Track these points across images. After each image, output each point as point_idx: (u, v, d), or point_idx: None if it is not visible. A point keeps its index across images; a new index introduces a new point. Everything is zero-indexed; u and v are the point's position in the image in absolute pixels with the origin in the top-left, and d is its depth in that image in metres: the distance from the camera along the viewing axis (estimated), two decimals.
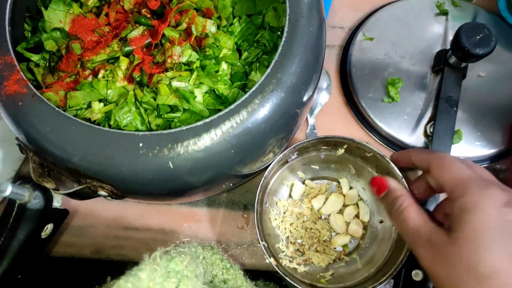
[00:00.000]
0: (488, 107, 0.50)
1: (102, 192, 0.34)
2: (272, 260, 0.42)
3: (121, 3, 0.41)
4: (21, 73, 0.35)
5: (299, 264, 0.45)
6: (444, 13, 0.54)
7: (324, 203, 0.48)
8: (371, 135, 0.51)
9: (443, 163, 0.34)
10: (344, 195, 0.48)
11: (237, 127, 0.33)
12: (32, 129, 0.34)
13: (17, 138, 0.36)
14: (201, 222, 0.51)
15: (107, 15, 0.41)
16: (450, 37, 0.53)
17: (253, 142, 0.35)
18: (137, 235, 0.50)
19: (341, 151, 0.47)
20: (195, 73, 0.37)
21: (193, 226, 0.50)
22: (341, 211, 0.48)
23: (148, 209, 0.51)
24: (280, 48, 0.35)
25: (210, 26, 0.39)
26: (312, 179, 0.50)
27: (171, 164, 0.33)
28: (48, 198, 0.34)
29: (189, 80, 0.38)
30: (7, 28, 0.36)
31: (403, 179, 0.42)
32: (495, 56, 0.47)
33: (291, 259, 0.45)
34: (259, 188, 0.43)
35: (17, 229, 0.32)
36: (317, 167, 0.49)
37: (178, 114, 0.37)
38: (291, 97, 0.35)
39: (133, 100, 0.38)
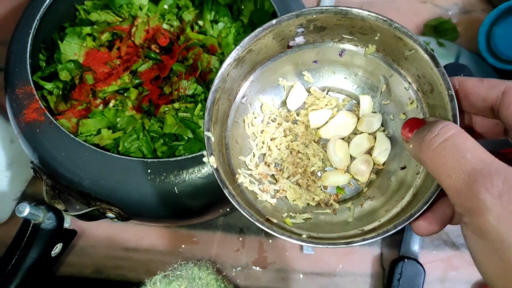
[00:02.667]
0: None
1: (110, 214, 0.37)
2: (212, 161, 0.28)
3: (132, 39, 0.44)
4: (40, 102, 0.38)
5: (263, 191, 0.31)
6: None
7: (328, 121, 0.33)
8: None
9: None
10: (359, 118, 0.33)
11: None
12: (48, 154, 0.37)
13: (32, 162, 0.39)
14: (199, 244, 0.53)
15: (118, 49, 0.44)
16: None
17: None
18: (136, 256, 0.52)
19: (371, 48, 0.31)
20: (199, 105, 0.41)
21: (190, 248, 0.53)
22: (348, 139, 0.33)
23: (148, 231, 0.53)
24: None
25: (215, 62, 0.43)
26: (323, 89, 0.34)
27: (176, 189, 0.35)
28: (60, 219, 0.36)
29: (194, 111, 0.41)
30: (28, 60, 0.39)
31: (455, 103, 0.26)
32: None
33: (254, 181, 0.31)
34: (232, 55, 0.29)
35: (30, 248, 0.34)
36: (333, 72, 0.34)
37: (182, 143, 0.40)
38: None
39: (141, 128, 0.41)
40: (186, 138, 0.40)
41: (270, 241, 0.53)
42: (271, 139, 0.33)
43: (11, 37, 0.42)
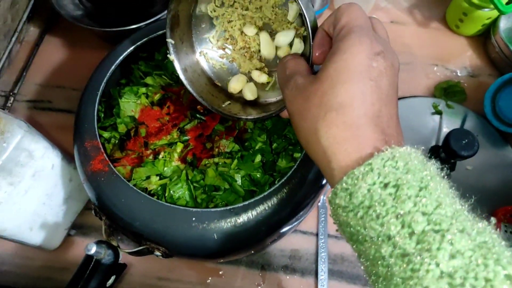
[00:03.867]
0: (473, 195, 0.59)
1: (157, 253, 0.43)
2: (175, 61, 0.45)
3: (180, 99, 0.52)
4: (104, 154, 0.45)
5: (222, 58, 0.46)
6: (439, 113, 0.65)
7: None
8: None
9: (349, 7, 0.31)
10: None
11: (269, 209, 0.43)
12: (108, 200, 0.44)
13: (93, 204, 0.46)
14: (224, 277, 0.59)
15: (168, 107, 0.51)
16: (443, 134, 0.63)
17: (279, 220, 0.44)
18: (167, 285, 0.58)
19: None
20: (235, 161, 0.47)
21: (216, 280, 0.59)
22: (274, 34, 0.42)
23: (180, 263, 0.60)
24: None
25: (250, 123, 0.50)
26: None
27: (215, 236, 0.42)
28: (116, 255, 0.43)
29: (231, 165, 0.48)
30: (95, 118, 0.47)
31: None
32: (480, 152, 0.57)
33: (215, 52, 0.46)
34: None
35: (91, 280, 0.40)
36: None
37: (220, 193, 0.47)
38: (311, 188, 0.45)
39: (185, 178, 0.48)
40: (223, 188, 0.47)
41: (288, 277, 0.59)
42: (228, 22, 0.44)
43: (81, 95, 0.50)
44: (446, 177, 0.27)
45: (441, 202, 0.24)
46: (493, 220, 0.26)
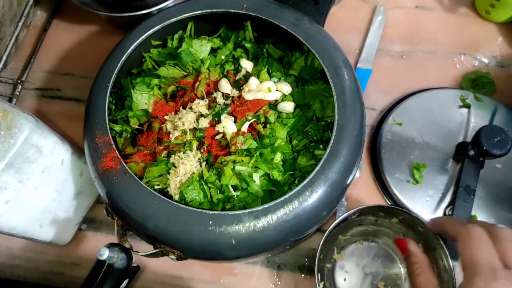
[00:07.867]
0: (502, 195, 0.56)
1: (172, 256, 0.41)
2: None
3: (195, 92, 0.49)
4: (116, 151, 0.43)
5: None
6: (467, 106, 0.61)
7: None
8: None
9: (468, 238, 0.35)
10: None
11: (290, 213, 0.40)
12: (121, 200, 0.42)
13: (105, 203, 0.44)
14: (238, 276, 0.57)
15: (181, 98, 0.49)
16: (471, 129, 0.60)
17: (301, 225, 0.42)
18: (181, 283, 0.57)
19: (395, 219, 0.53)
20: (253, 158, 0.45)
21: (231, 279, 0.57)
22: None
23: (193, 261, 0.57)
24: (328, 148, 0.42)
25: (271, 115, 0.47)
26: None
27: (233, 240, 0.40)
28: (129, 259, 0.41)
29: (249, 163, 0.45)
30: (106, 112, 0.44)
31: (443, 248, 0.47)
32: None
33: None
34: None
35: (103, 284, 0.39)
36: None
37: (237, 193, 0.44)
38: (335, 190, 0.42)
39: (198, 179, 0.45)
40: (240, 188, 0.45)
41: (303, 275, 0.57)
42: None
43: (91, 86, 0.48)
44: None
45: None
46: None
